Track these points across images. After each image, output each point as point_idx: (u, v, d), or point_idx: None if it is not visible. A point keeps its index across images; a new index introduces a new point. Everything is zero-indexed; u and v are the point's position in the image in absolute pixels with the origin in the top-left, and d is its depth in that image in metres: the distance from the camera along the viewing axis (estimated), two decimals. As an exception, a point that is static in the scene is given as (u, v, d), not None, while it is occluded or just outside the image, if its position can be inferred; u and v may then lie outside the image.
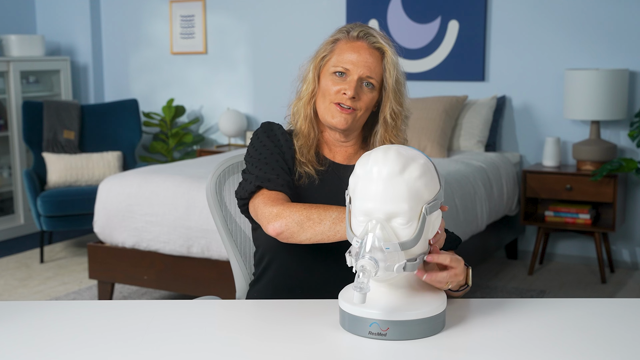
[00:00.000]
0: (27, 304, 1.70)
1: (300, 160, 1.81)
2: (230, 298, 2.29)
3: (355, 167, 1.48)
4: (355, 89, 1.76)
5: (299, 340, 1.44)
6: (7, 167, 5.51)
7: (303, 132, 1.83)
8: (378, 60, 1.79)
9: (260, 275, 1.87)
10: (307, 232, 1.62)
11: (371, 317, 1.42)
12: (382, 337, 1.41)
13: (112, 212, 3.72)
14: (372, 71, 1.78)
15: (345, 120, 1.78)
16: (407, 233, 1.41)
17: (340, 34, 1.83)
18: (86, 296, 4.09)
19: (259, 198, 1.72)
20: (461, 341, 1.44)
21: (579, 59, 4.56)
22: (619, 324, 1.53)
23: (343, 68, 1.77)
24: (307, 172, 1.80)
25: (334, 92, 1.78)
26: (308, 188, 1.80)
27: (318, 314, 1.56)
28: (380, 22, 5.02)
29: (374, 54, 1.79)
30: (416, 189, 1.41)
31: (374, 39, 1.80)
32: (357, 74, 1.77)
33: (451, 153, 4.58)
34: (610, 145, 4.32)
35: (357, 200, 1.43)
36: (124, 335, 1.48)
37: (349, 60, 1.77)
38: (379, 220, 1.40)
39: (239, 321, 1.59)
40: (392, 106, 1.80)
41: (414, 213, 1.41)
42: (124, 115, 5.38)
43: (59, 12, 6.02)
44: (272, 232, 1.64)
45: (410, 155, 1.43)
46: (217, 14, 5.65)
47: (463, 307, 1.62)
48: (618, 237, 4.62)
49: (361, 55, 1.78)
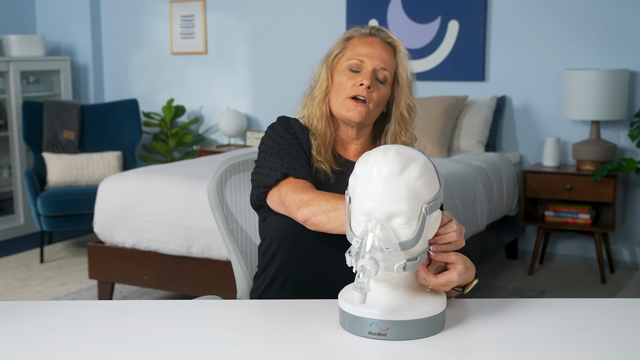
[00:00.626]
0: (27, 304, 1.70)
1: (317, 158, 1.83)
2: (231, 298, 2.29)
3: (355, 167, 1.48)
4: (370, 79, 1.79)
5: (299, 340, 1.44)
6: (7, 167, 5.51)
7: (320, 132, 1.85)
8: (391, 55, 1.84)
9: (265, 267, 1.87)
10: (333, 222, 1.64)
11: (371, 317, 1.42)
12: (382, 337, 1.41)
13: (112, 212, 3.72)
14: (386, 64, 1.82)
15: (360, 112, 1.80)
16: (406, 233, 1.41)
17: (352, 32, 1.88)
18: (86, 296, 4.09)
19: (287, 186, 1.74)
20: (461, 341, 1.44)
21: (579, 59, 4.56)
22: (619, 324, 1.53)
23: (358, 60, 1.82)
24: (323, 169, 1.83)
25: (350, 86, 1.81)
26: (323, 184, 1.82)
27: (318, 313, 1.56)
28: (380, 22, 5.02)
29: (386, 48, 1.84)
30: (416, 189, 1.41)
31: (386, 35, 1.85)
32: (372, 65, 1.81)
33: (451, 153, 4.58)
34: (610, 145, 4.32)
35: (357, 200, 1.43)
36: (124, 335, 1.48)
37: (364, 52, 1.82)
38: (379, 220, 1.40)
39: (239, 321, 1.59)
40: (407, 100, 1.85)
41: (413, 213, 1.41)
42: (124, 115, 5.38)
43: (59, 12, 6.02)
44: (301, 219, 1.67)
45: (410, 155, 1.44)
46: (217, 14, 5.65)
47: (463, 307, 1.62)
48: (618, 237, 4.62)
49: (375, 48, 1.82)
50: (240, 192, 2.00)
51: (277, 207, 1.78)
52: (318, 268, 1.79)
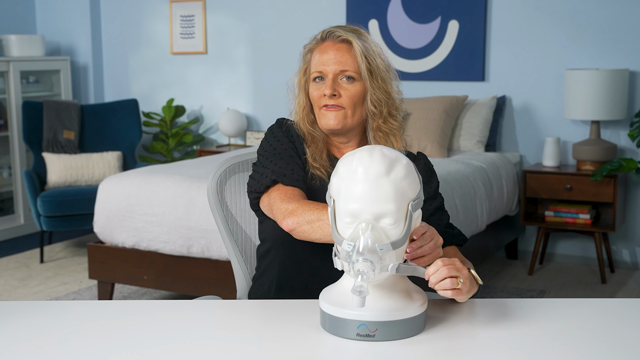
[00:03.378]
0: (27, 304, 1.70)
1: (312, 164, 1.82)
2: (231, 298, 2.29)
3: (337, 167, 1.47)
4: (332, 87, 1.78)
5: (299, 340, 1.44)
6: (7, 167, 5.51)
7: (312, 140, 1.85)
8: (348, 53, 1.79)
9: (264, 269, 1.87)
10: (317, 232, 1.63)
11: (359, 319, 1.40)
12: (371, 339, 1.41)
13: (112, 212, 3.72)
14: (345, 64, 1.79)
15: (336, 117, 1.79)
16: (395, 233, 1.41)
17: (310, 44, 1.86)
18: (86, 296, 4.09)
19: (275, 193, 1.75)
20: (461, 341, 1.44)
21: (579, 59, 4.56)
22: (619, 324, 1.53)
23: (318, 72, 1.81)
24: (319, 175, 1.82)
25: (317, 98, 1.81)
26: (319, 190, 1.81)
27: (319, 313, 1.56)
28: (380, 22, 5.02)
29: (342, 48, 1.80)
30: (402, 189, 1.42)
31: (339, 34, 1.81)
32: (331, 72, 1.79)
33: (451, 153, 4.58)
34: (610, 145, 4.32)
35: (342, 201, 1.42)
36: (124, 335, 1.48)
37: (320, 62, 1.80)
38: (369, 221, 1.39)
39: (239, 321, 1.59)
40: (372, 94, 1.80)
41: (400, 213, 1.41)
42: (124, 115, 5.38)
43: (59, 12, 6.02)
44: (286, 228, 1.67)
45: (394, 155, 1.44)
46: (217, 14, 5.65)
47: (463, 306, 1.62)
48: (618, 237, 4.62)
49: (329, 53, 1.80)
50: (240, 192, 2.00)
51: (268, 213, 1.79)
52: (315, 273, 1.79)
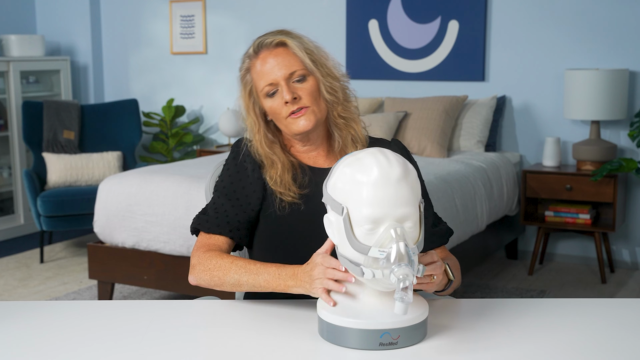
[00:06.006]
0: (27, 304, 1.70)
1: (277, 190, 1.74)
2: (230, 298, 2.29)
3: (343, 172, 1.43)
4: (290, 91, 1.73)
5: (299, 340, 1.44)
6: (7, 167, 5.51)
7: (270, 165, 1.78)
8: (287, 54, 1.76)
9: None
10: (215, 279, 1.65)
11: (381, 328, 1.36)
12: (394, 347, 1.37)
13: (112, 212, 3.72)
14: (290, 66, 1.75)
15: (307, 119, 1.74)
16: (415, 235, 1.40)
17: (246, 63, 1.80)
18: (86, 296, 4.09)
19: (198, 237, 1.78)
20: (461, 341, 1.44)
21: (579, 59, 4.56)
22: (619, 324, 1.53)
23: (269, 85, 1.75)
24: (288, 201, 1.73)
25: (278, 109, 1.75)
26: (291, 215, 1.73)
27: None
28: (380, 22, 5.02)
29: (279, 52, 1.76)
30: (416, 190, 1.42)
31: (269, 40, 1.77)
32: (281, 79, 1.74)
33: (451, 153, 4.58)
34: (610, 145, 4.32)
35: (362, 207, 1.37)
36: (124, 335, 1.48)
37: (265, 72, 1.75)
38: (396, 225, 1.36)
39: (239, 321, 1.59)
40: (324, 83, 1.77)
41: (417, 215, 1.41)
42: (124, 115, 5.38)
43: (59, 12, 6.02)
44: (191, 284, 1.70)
45: (400, 156, 1.43)
46: (217, 14, 5.65)
47: (463, 307, 1.62)
48: (618, 237, 4.62)
49: (270, 62, 1.75)
50: (240, 192, 2.00)
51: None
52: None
